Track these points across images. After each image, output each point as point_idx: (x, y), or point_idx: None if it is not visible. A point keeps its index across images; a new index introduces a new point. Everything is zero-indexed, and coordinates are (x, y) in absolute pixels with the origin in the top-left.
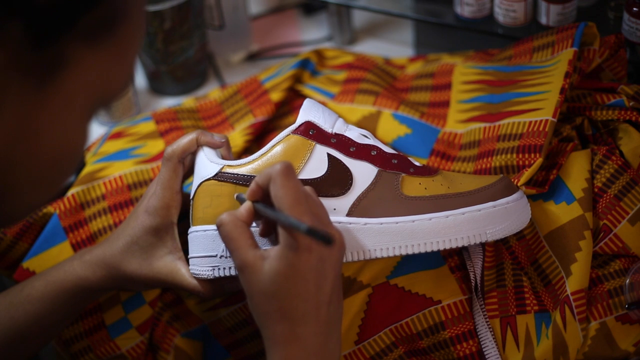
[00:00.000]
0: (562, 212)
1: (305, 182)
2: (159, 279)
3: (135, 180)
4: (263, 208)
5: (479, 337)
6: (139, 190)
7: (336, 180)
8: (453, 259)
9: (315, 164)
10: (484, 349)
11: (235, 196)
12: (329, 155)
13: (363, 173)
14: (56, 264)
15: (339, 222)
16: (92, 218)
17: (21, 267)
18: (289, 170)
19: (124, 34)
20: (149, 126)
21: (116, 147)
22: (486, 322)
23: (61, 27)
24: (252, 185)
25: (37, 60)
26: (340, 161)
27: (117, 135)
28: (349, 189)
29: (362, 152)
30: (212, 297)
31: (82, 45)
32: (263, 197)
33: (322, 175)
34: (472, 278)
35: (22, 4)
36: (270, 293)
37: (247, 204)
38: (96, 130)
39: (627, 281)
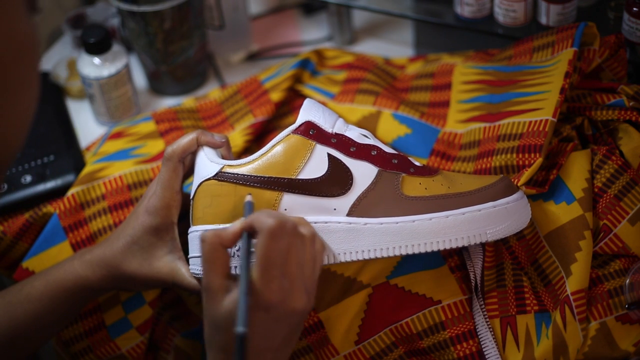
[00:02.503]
0: (562, 212)
1: (306, 182)
2: (159, 279)
3: (135, 180)
4: (245, 246)
5: (479, 337)
6: (139, 190)
7: (336, 180)
8: (453, 259)
9: (316, 164)
10: (484, 349)
11: (245, 201)
12: (329, 155)
13: (363, 173)
14: (56, 263)
15: (339, 222)
16: (92, 218)
17: (21, 267)
18: (277, 229)
19: None
20: (149, 126)
21: (116, 147)
22: (486, 322)
23: None
24: (241, 224)
25: None
26: (341, 161)
27: (117, 135)
28: (349, 188)
29: (362, 152)
30: None
31: None
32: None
33: (322, 175)
34: (472, 278)
35: None
36: (219, 326)
37: (236, 228)
38: (96, 130)
39: (627, 281)
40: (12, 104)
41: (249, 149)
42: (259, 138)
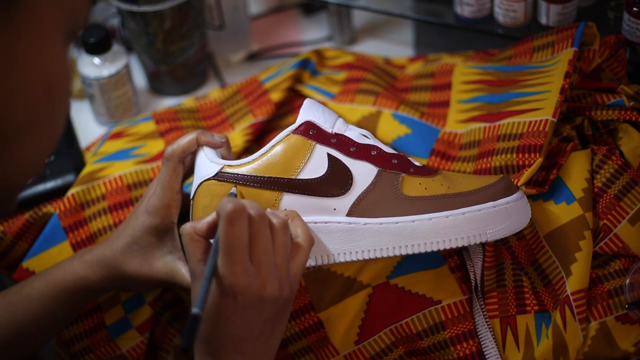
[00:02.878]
0: (562, 212)
1: (305, 182)
2: (159, 279)
3: (135, 180)
4: (216, 235)
5: (479, 337)
6: (139, 190)
7: (336, 180)
8: (453, 259)
9: (315, 164)
10: (484, 349)
11: (229, 192)
12: (329, 155)
13: (363, 173)
14: (56, 263)
15: (339, 222)
16: (92, 218)
17: (21, 267)
18: (235, 213)
19: None
20: (149, 126)
21: (116, 147)
22: (486, 322)
23: None
24: (214, 214)
25: None
26: (340, 161)
27: (117, 135)
28: (349, 189)
29: (362, 152)
30: None
31: None
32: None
33: (322, 175)
34: (472, 278)
35: None
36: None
37: (209, 218)
38: (96, 130)
39: (627, 281)
40: (35, 137)
41: (249, 149)
42: (259, 138)
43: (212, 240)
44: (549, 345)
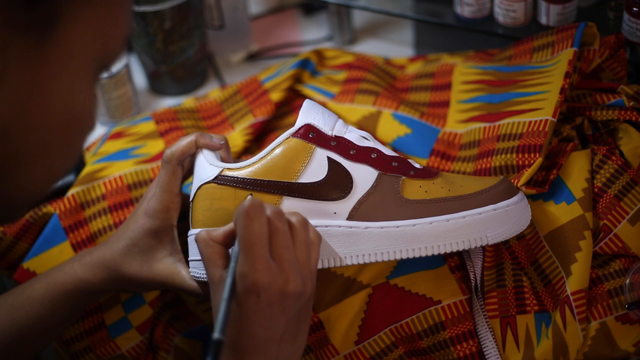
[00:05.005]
0: (562, 212)
1: (305, 185)
2: (159, 281)
3: (135, 180)
4: (235, 251)
5: (479, 337)
6: (139, 191)
7: (336, 183)
8: (453, 259)
9: (315, 168)
10: (484, 349)
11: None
12: (329, 158)
13: (363, 176)
14: (57, 265)
15: (340, 226)
16: (92, 218)
17: (21, 267)
18: (253, 209)
19: None
20: (149, 126)
21: (116, 147)
22: (486, 322)
23: None
24: (226, 227)
25: (33, 16)
26: (341, 164)
27: (117, 135)
28: (349, 192)
29: (362, 155)
30: None
31: (74, 1)
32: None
33: (322, 178)
34: (472, 278)
35: None
36: None
37: (229, 227)
38: (96, 130)
39: (627, 281)
40: (47, 163)
41: (248, 149)
42: (259, 138)
43: (230, 250)
44: (549, 345)
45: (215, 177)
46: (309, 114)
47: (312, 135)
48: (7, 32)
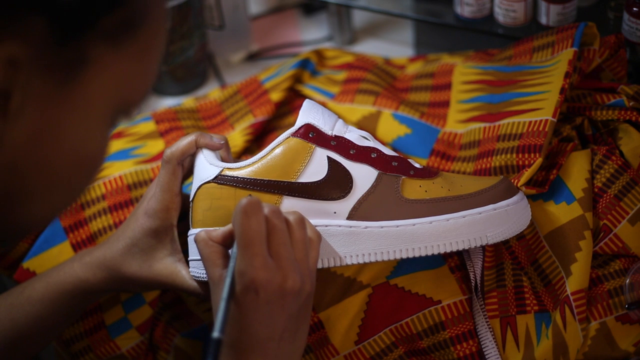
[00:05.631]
0: (562, 212)
1: (305, 185)
2: (159, 281)
3: (135, 180)
4: (233, 251)
5: (479, 337)
6: (139, 190)
7: (336, 183)
8: (453, 259)
9: (315, 167)
10: (484, 349)
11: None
12: (329, 158)
13: (363, 176)
14: (56, 265)
15: (339, 226)
16: (92, 218)
17: (21, 267)
18: (251, 207)
19: (143, 38)
20: (149, 126)
21: (116, 147)
22: (486, 322)
23: (83, 25)
24: (225, 228)
25: (60, 57)
26: (341, 164)
27: (117, 135)
28: (349, 192)
29: (362, 154)
30: None
31: (104, 45)
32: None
33: (322, 178)
34: (472, 278)
35: (47, 0)
36: None
37: (228, 227)
38: None
39: (627, 281)
40: (50, 199)
41: (248, 149)
42: (259, 138)
43: (230, 251)
44: (549, 345)
45: (215, 177)
46: (309, 113)
47: (312, 135)
48: (32, 68)
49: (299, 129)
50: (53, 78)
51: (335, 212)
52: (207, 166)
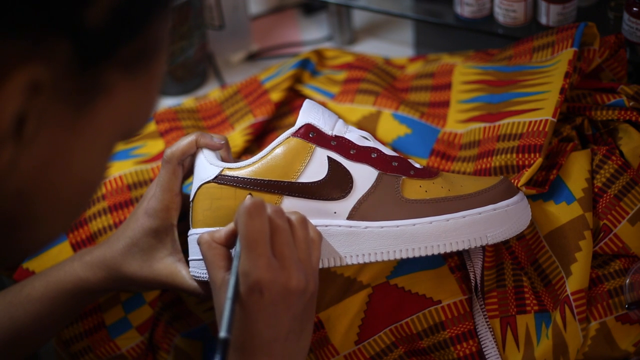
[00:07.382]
0: (562, 212)
1: (306, 185)
2: (159, 281)
3: (135, 180)
4: (237, 250)
5: (479, 337)
6: (139, 190)
7: (336, 183)
8: (453, 259)
9: (316, 167)
10: (484, 349)
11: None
12: (329, 158)
13: (363, 176)
14: (56, 264)
15: (340, 226)
16: (92, 218)
17: (21, 267)
18: (255, 207)
19: (153, 68)
20: (149, 126)
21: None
22: (486, 322)
23: (105, 52)
24: (227, 227)
25: (78, 83)
26: (341, 164)
27: None
28: (349, 192)
29: (362, 154)
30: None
31: (119, 73)
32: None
33: (322, 178)
34: (472, 278)
35: (74, 25)
36: None
37: (230, 227)
38: None
39: (627, 281)
40: (51, 222)
41: (249, 149)
42: (259, 138)
43: (232, 251)
44: (549, 345)
45: (216, 177)
46: (309, 113)
47: (312, 135)
48: (52, 93)
49: (299, 129)
50: (69, 104)
51: (335, 212)
52: (207, 166)
